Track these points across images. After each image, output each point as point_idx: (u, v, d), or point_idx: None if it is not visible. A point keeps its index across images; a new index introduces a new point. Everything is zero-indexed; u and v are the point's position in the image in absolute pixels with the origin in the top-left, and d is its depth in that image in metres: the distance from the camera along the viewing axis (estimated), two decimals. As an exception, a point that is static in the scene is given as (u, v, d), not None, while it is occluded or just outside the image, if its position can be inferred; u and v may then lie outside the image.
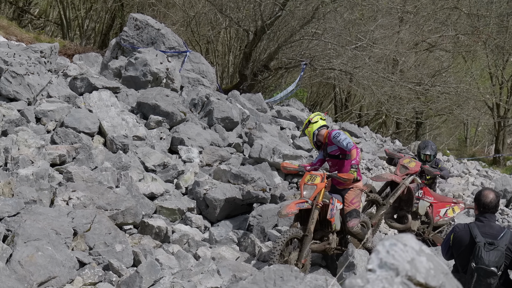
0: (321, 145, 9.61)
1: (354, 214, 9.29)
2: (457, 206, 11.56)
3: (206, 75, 17.24)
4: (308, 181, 9.11)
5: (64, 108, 12.18)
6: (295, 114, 18.38)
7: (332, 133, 9.43)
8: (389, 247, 2.76)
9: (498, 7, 31.95)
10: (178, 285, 7.18)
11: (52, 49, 14.32)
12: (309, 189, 9.03)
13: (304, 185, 9.12)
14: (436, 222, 11.28)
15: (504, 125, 37.36)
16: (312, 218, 8.87)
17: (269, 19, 22.03)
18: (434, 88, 27.90)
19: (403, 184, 10.77)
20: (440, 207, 11.35)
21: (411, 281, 2.66)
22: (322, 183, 9.03)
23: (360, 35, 24.35)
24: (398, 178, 10.84)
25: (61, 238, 7.54)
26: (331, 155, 9.52)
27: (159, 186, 10.87)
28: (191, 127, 13.41)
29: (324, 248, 9.25)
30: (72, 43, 24.55)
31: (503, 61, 36.00)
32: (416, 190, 10.95)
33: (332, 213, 9.10)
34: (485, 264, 6.10)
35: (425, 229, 11.25)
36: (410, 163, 11.01)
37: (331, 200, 9.16)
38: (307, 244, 8.77)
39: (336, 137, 9.30)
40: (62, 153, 10.38)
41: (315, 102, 33.82)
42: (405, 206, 10.96)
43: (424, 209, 11.10)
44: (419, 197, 11.02)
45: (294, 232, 8.71)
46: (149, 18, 17.49)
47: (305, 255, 8.75)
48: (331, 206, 9.11)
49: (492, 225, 6.34)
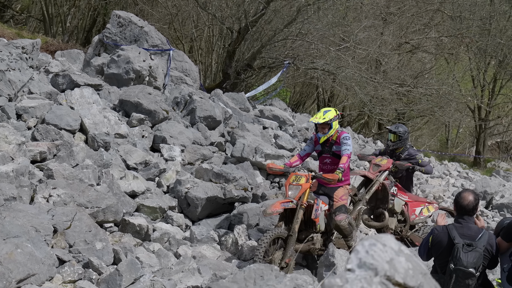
0: (328, 142, 9.66)
1: (343, 209, 9.40)
2: (431, 205, 11.66)
3: (189, 74, 17.22)
4: (293, 181, 9.22)
5: (45, 105, 12.10)
6: (277, 113, 18.39)
7: (344, 134, 9.58)
8: (368, 247, 2.77)
9: (481, 10, 32.14)
10: (158, 283, 7.16)
11: (34, 45, 14.22)
12: (294, 189, 9.13)
13: (289, 186, 9.21)
14: (412, 220, 11.36)
15: (485, 127, 37.64)
16: (297, 218, 8.94)
17: (253, 17, 22.02)
18: (416, 90, 28.05)
19: (377, 181, 10.85)
20: (415, 206, 11.44)
21: (389, 281, 2.67)
22: (307, 183, 9.14)
23: (344, 36, 24.42)
24: (372, 175, 10.92)
25: (41, 236, 7.49)
26: (335, 153, 9.61)
27: (141, 184, 10.84)
28: (173, 126, 13.38)
29: (309, 249, 9.35)
30: (55, 39, 24.43)
31: (485, 64, 36.25)
32: (390, 187, 11.03)
33: (317, 213, 9.20)
34: (464, 265, 6.15)
35: (402, 228, 11.33)
36: (382, 161, 11.10)
37: (316, 201, 9.28)
38: (292, 243, 8.85)
39: (345, 138, 9.47)
40: (43, 150, 10.31)
41: (298, 102, 33.88)
42: (381, 203, 11.04)
43: (400, 207, 11.19)
44: (394, 194, 11.12)
45: (278, 231, 8.79)
46: (132, 16, 17.43)
47: (289, 255, 8.81)
48: (315, 207, 9.22)
49: (471, 226, 6.40)
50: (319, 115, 9.55)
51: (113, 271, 7.33)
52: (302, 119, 21.12)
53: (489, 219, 15.83)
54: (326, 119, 9.42)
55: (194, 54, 27.97)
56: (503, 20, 34.54)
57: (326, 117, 9.43)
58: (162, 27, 25.11)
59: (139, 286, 7.18)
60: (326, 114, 9.49)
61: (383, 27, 28.56)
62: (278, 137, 15.74)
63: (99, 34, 17.53)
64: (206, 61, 28.66)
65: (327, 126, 9.53)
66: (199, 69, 22.76)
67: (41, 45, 15.54)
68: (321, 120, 9.43)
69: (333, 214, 9.41)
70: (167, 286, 7.21)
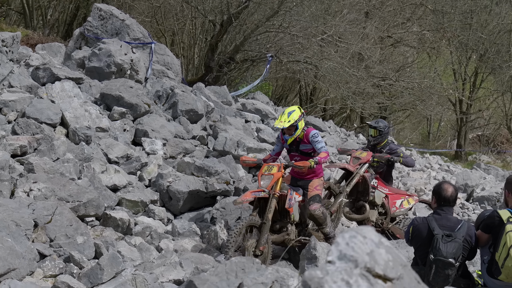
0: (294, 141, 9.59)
1: (317, 198, 9.38)
2: (411, 198, 11.77)
3: (171, 67, 17.16)
4: (266, 171, 9.21)
5: (25, 99, 12.02)
6: (260, 107, 18.38)
7: (312, 132, 9.50)
8: (348, 239, 2.78)
9: (463, 4, 32.30)
10: (140, 277, 7.14)
11: (14, 38, 14.11)
12: (266, 179, 9.13)
13: (261, 176, 9.21)
14: (393, 213, 11.43)
15: (466, 121, 37.88)
16: (270, 206, 8.92)
17: (236, 10, 21.99)
18: (398, 83, 28.14)
19: (358, 173, 10.90)
20: (396, 198, 11.52)
21: (370, 273, 2.68)
22: (279, 172, 9.12)
23: (326, 29, 24.44)
24: (352, 167, 10.96)
25: (21, 230, 7.44)
26: (303, 152, 9.57)
27: (122, 178, 10.80)
28: (155, 119, 13.35)
29: (283, 239, 9.34)
30: (35, 32, 24.27)
31: (466, 58, 36.46)
32: (371, 179, 11.10)
33: (290, 202, 9.20)
34: (443, 255, 6.21)
35: (383, 220, 11.39)
36: (362, 154, 11.17)
37: (289, 191, 9.28)
38: (265, 231, 8.82)
39: (314, 137, 9.41)
40: (23, 144, 10.24)
41: (280, 95, 33.87)
42: (362, 196, 11.10)
43: (381, 199, 11.26)
44: (375, 187, 11.19)
45: (250, 220, 8.78)
46: (114, 9, 17.33)
47: (264, 242, 8.79)
48: (289, 196, 9.21)
49: (450, 217, 6.46)
50: (283, 119, 9.34)
51: (94, 265, 7.30)
52: (284, 113, 21.06)
53: (470, 212, 15.93)
54: (292, 121, 9.28)
55: (176, 47, 27.90)
56: (484, 14, 34.75)
57: (291, 120, 9.27)
58: (144, 20, 25.01)
59: (120, 280, 7.16)
60: (291, 115, 9.31)
61: (365, 21, 28.61)
62: (260, 130, 15.74)
63: (80, 27, 17.43)
64: (188, 54, 28.60)
65: (293, 127, 9.42)
66: (181, 63, 22.71)
67: (21, 38, 15.44)
68: (286, 124, 9.26)
69: (307, 204, 9.41)
70: (149, 280, 7.19)
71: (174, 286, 7.33)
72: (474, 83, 37.73)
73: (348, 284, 2.57)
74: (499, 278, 6.14)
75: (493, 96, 40.28)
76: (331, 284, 2.56)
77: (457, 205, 16.29)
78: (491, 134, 42.46)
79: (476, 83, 37.81)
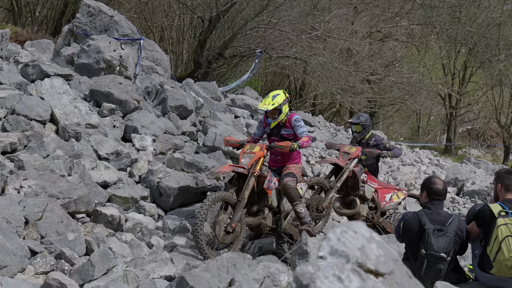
0: (277, 125, 9.55)
1: (291, 175, 9.29)
2: (401, 192, 11.83)
3: (160, 63, 17.13)
4: (247, 150, 9.18)
5: (15, 95, 11.98)
6: (249, 102, 18.39)
7: (294, 116, 9.46)
8: (340, 234, 2.79)
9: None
10: (131, 273, 7.14)
11: (3, 35, 14.06)
12: (247, 157, 9.08)
13: (243, 154, 9.18)
14: (383, 207, 11.48)
15: (456, 115, 37.97)
16: (248, 184, 8.84)
17: (224, 6, 21.97)
18: (388, 78, 28.19)
19: (348, 168, 10.93)
20: (385, 192, 11.57)
21: (361, 268, 2.69)
22: (260, 151, 9.09)
23: (315, 25, 24.45)
24: (342, 162, 10.99)
25: (12, 227, 7.43)
26: (284, 136, 9.51)
27: (112, 174, 10.78)
28: (144, 115, 13.33)
29: (259, 223, 9.24)
30: (24, 29, 24.17)
31: (455, 52, 36.54)
32: (360, 174, 11.13)
33: (270, 184, 9.15)
34: (435, 250, 6.21)
35: (373, 215, 11.43)
36: (351, 149, 11.20)
37: (270, 173, 9.26)
38: (240, 208, 8.73)
39: (297, 121, 9.38)
40: (13, 141, 10.21)
41: (269, 91, 33.79)
42: (352, 191, 11.13)
43: (371, 193, 11.31)
44: (364, 181, 11.22)
45: (225, 195, 8.68)
46: (102, 5, 17.28)
47: (237, 220, 8.70)
48: (269, 177, 9.17)
49: (440, 212, 6.48)
50: (267, 101, 9.33)
51: (85, 262, 7.29)
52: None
53: (461, 206, 15.98)
54: (276, 104, 9.25)
55: (165, 43, 27.85)
56: (473, 8, 34.81)
57: (275, 103, 9.24)
58: (132, 16, 24.95)
59: (112, 276, 7.16)
60: (275, 99, 9.28)
61: (354, 16, 28.63)
62: (250, 126, 15.75)
63: (69, 24, 17.37)
64: (177, 50, 28.56)
65: (277, 111, 9.40)
66: (170, 59, 22.67)
67: (10, 35, 15.37)
68: (270, 106, 9.23)
69: (281, 180, 9.33)
70: (140, 276, 7.19)
71: (165, 282, 7.32)
72: (463, 77, 37.84)
73: (340, 280, 2.58)
74: (490, 272, 6.16)
75: (482, 90, 40.41)
76: (322, 280, 2.57)
77: (448, 199, 16.35)
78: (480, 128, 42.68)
79: (466, 77, 37.90)
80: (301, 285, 2.59)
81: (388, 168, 20.22)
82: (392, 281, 2.76)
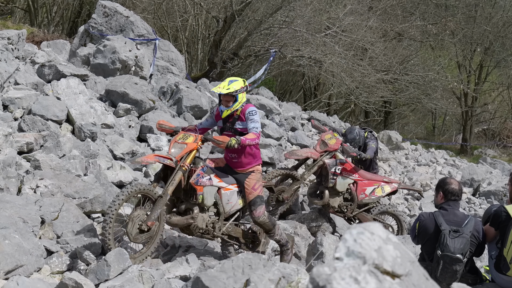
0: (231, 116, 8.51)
1: (259, 201, 8.49)
2: (388, 185, 11.54)
3: (175, 63, 17.18)
4: (180, 139, 8.11)
5: (31, 96, 12.04)
6: (264, 102, 18.39)
7: (250, 108, 8.48)
8: (356, 235, 2.79)
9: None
10: (147, 273, 7.15)
11: (20, 36, 14.14)
12: (178, 147, 8.03)
13: (174, 143, 8.11)
14: (361, 200, 11.30)
15: (472, 115, 37.78)
16: (173, 179, 7.80)
17: (239, 6, 21.99)
18: (403, 77, 28.11)
19: (320, 161, 10.82)
20: (366, 185, 11.34)
21: (378, 269, 2.69)
22: (194, 143, 8.05)
23: (329, 23, 24.43)
24: (316, 155, 10.83)
25: (29, 227, 7.47)
26: (238, 131, 8.43)
27: (128, 174, 10.81)
28: (160, 115, 13.36)
29: (187, 224, 8.16)
30: (40, 30, 24.29)
31: (471, 51, 36.36)
32: (332, 166, 10.94)
33: (199, 179, 8.09)
34: (451, 251, 6.17)
35: (348, 206, 11.29)
36: (331, 140, 11.00)
37: (202, 167, 8.20)
38: (159, 205, 7.71)
39: (251, 114, 8.38)
40: (29, 141, 10.26)
41: (284, 91, 33.88)
42: (323, 182, 11.04)
43: (344, 186, 11.11)
44: (337, 173, 10.99)
45: (144, 188, 7.66)
46: (118, 6, 17.36)
47: (154, 218, 7.68)
48: (198, 172, 8.11)
49: (456, 212, 6.44)
50: (223, 85, 8.31)
51: (101, 262, 7.31)
52: (288, 108, 21.12)
53: (477, 207, 15.91)
54: (231, 89, 8.21)
55: (180, 43, 27.91)
56: (488, 7, 34.66)
57: (230, 88, 8.23)
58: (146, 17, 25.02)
59: (127, 276, 7.17)
60: (232, 84, 8.28)
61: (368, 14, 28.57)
62: (264, 126, 15.74)
63: (84, 24, 17.47)
64: (192, 50, 28.61)
65: (232, 98, 8.31)
66: (185, 59, 22.71)
67: (26, 36, 15.48)
68: (224, 90, 8.20)
69: (249, 211, 8.56)
70: (155, 276, 7.20)
71: (180, 282, 7.32)
72: (479, 77, 37.65)
73: (357, 281, 2.57)
74: (507, 274, 6.11)
75: (498, 90, 40.20)
76: (339, 281, 2.56)
77: (463, 200, 16.28)
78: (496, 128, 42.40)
79: (481, 76, 37.72)
80: (317, 286, 2.59)
81: (403, 168, 20.16)
82: (409, 283, 2.75)
